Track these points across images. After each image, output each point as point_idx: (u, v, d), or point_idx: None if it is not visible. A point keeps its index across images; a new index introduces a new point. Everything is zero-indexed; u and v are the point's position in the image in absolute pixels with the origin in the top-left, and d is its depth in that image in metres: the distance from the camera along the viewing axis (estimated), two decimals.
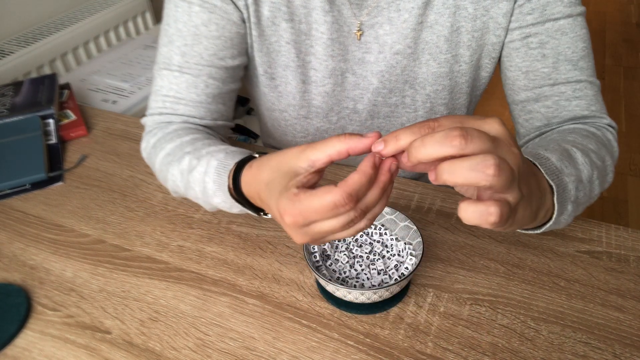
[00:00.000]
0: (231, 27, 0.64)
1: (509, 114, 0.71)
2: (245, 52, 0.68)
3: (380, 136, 0.39)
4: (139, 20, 1.55)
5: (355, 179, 0.38)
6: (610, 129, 0.64)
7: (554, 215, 0.48)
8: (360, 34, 0.65)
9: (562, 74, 0.63)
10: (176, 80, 0.65)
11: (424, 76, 0.68)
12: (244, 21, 0.65)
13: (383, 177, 0.39)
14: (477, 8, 0.63)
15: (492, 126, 0.37)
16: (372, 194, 0.39)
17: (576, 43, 0.62)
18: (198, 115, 0.67)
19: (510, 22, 0.63)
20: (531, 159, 0.49)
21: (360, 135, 0.39)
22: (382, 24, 0.65)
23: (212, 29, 0.63)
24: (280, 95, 0.71)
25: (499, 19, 0.63)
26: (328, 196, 0.37)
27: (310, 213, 0.38)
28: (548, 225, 0.49)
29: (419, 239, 0.56)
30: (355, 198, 0.38)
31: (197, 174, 0.57)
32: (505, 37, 0.65)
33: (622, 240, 0.62)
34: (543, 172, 0.47)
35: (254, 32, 0.66)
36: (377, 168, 0.39)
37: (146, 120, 0.68)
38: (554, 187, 0.47)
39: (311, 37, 0.66)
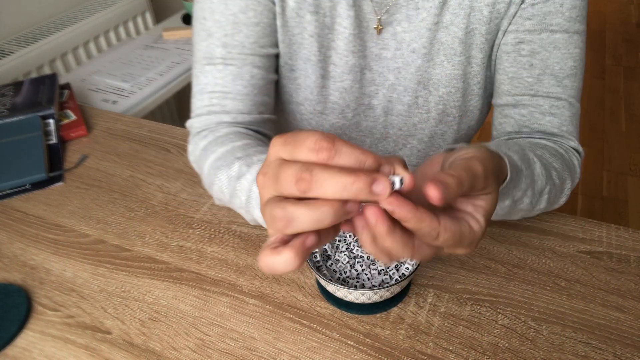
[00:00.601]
0: (267, 14, 0.63)
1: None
2: None
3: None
4: (139, 20, 1.55)
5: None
6: (576, 153, 0.64)
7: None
8: (380, 30, 0.65)
9: (544, 87, 0.63)
10: (220, 74, 0.63)
11: (438, 77, 0.68)
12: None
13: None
14: (492, 11, 0.63)
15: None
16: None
17: (566, 60, 0.62)
18: (246, 110, 0.65)
19: (510, 24, 0.63)
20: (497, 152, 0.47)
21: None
22: (401, 21, 0.65)
23: (250, 15, 0.62)
24: (298, 88, 0.70)
25: (509, 20, 0.63)
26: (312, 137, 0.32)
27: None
28: None
29: None
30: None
31: (245, 182, 0.55)
32: (502, 38, 0.65)
33: (622, 240, 0.62)
34: (507, 162, 0.45)
35: (278, 22, 0.65)
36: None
37: (192, 122, 0.66)
38: (507, 177, 0.45)
39: (334, 31, 0.65)
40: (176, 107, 1.78)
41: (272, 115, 0.70)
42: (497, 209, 0.52)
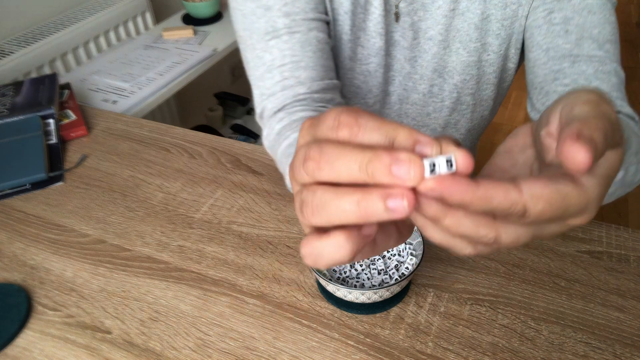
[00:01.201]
0: None
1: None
2: None
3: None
4: (139, 20, 1.55)
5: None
6: (633, 121, 0.55)
7: None
8: (398, 17, 0.65)
9: (584, 50, 0.56)
10: (288, 45, 0.60)
11: (453, 65, 0.67)
12: None
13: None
14: None
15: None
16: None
17: (603, 25, 0.57)
18: (319, 77, 0.62)
19: (533, 1, 0.60)
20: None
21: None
22: (417, 11, 0.65)
23: None
24: None
25: (528, 6, 0.61)
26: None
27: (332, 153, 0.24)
28: None
29: (420, 239, 0.56)
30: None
31: None
32: (529, 19, 0.61)
33: (622, 240, 0.62)
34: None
35: None
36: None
37: (266, 104, 0.62)
38: (624, 137, 0.37)
39: (366, 10, 0.64)
40: (176, 107, 1.78)
41: (339, 81, 0.67)
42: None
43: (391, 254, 0.58)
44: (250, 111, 1.92)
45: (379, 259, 0.58)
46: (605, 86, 0.55)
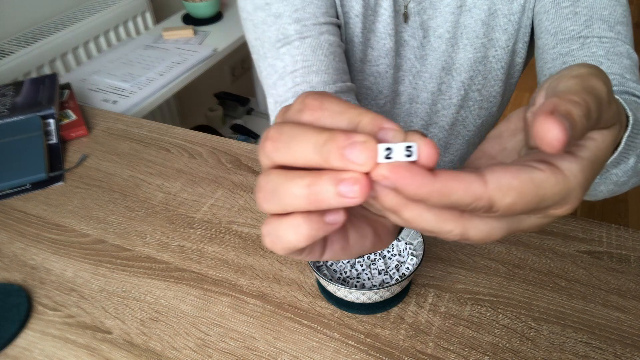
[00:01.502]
0: None
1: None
2: None
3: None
4: (139, 20, 1.55)
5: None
6: None
7: (616, 152, 0.36)
8: (406, 17, 0.65)
9: (594, 32, 0.54)
10: (299, 50, 0.60)
11: (461, 62, 0.67)
12: None
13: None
14: None
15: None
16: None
17: (614, 7, 0.55)
18: (331, 80, 0.61)
19: None
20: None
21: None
22: (427, 9, 0.65)
23: None
24: None
25: None
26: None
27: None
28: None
29: (420, 239, 0.56)
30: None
31: None
32: (536, 6, 0.60)
33: (622, 240, 0.62)
34: (621, 101, 0.34)
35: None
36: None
37: (279, 112, 0.63)
38: (630, 120, 0.35)
39: (376, 12, 0.65)
40: (176, 107, 1.78)
41: (353, 84, 0.66)
42: (619, 174, 0.40)
43: (392, 254, 0.58)
44: (251, 111, 1.92)
45: (380, 259, 0.58)
46: (616, 68, 0.52)
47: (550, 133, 0.19)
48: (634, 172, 0.42)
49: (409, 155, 0.20)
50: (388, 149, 0.20)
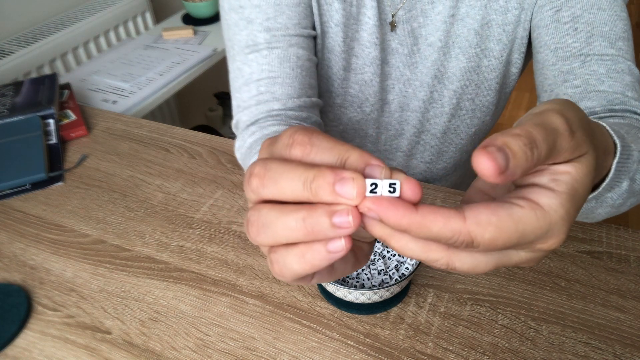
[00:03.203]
0: None
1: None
2: None
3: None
4: (139, 20, 1.55)
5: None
6: None
7: (607, 178, 0.36)
8: (394, 25, 0.65)
9: (595, 49, 0.54)
10: (266, 59, 0.60)
11: (453, 71, 0.67)
12: None
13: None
14: (508, 1, 0.61)
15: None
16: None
17: (615, 22, 0.54)
18: (295, 94, 0.61)
19: (537, 1, 0.59)
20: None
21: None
22: (417, 17, 0.65)
23: None
24: (320, 79, 0.69)
25: (530, 10, 0.60)
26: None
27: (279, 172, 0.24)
28: (596, 192, 0.37)
29: None
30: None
31: None
32: (534, 19, 0.60)
33: (622, 240, 0.62)
34: (608, 128, 0.35)
35: (314, 9, 0.63)
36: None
37: (240, 116, 0.62)
38: (618, 146, 0.35)
39: (359, 21, 0.64)
40: (176, 107, 1.78)
41: (320, 100, 0.67)
42: (614, 197, 0.40)
43: (391, 254, 0.58)
44: None
45: (379, 259, 0.58)
46: (618, 86, 0.53)
47: (482, 165, 0.20)
48: (630, 193, 0.42)
49: (392, 192, 0.22)
50: (374, 184, 0.22)
